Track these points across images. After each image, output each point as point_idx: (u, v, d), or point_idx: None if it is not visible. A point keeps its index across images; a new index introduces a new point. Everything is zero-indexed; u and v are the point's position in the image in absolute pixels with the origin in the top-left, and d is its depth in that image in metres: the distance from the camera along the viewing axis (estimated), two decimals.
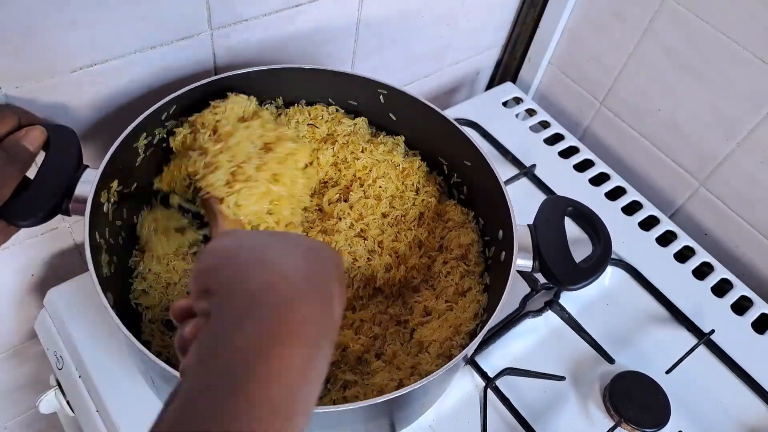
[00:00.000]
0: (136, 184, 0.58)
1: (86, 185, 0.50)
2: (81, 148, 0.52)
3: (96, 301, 0.45)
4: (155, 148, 0.58)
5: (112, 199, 0.54)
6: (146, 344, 0.50)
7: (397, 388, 0.53)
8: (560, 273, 0.52)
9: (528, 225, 0.56)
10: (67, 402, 0.65)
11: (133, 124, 0.53)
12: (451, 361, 0.48)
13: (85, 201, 0.49)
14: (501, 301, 0.50)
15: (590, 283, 0.53)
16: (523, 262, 0.54)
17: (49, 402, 0.68)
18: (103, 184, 0.51)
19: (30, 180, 0.50)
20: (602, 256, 0.54)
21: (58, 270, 0.70)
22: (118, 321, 0.45)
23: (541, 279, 0.70)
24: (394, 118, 0.67)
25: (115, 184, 0.54)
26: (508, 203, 0.57)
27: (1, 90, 0.51)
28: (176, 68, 0.60)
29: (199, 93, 0.58)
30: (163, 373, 0.45)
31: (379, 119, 0.68)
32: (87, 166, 0.52)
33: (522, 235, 0.55)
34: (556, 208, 0.57)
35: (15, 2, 0.46)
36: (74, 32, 0.51)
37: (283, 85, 0.64)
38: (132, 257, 0.59)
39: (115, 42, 0.54)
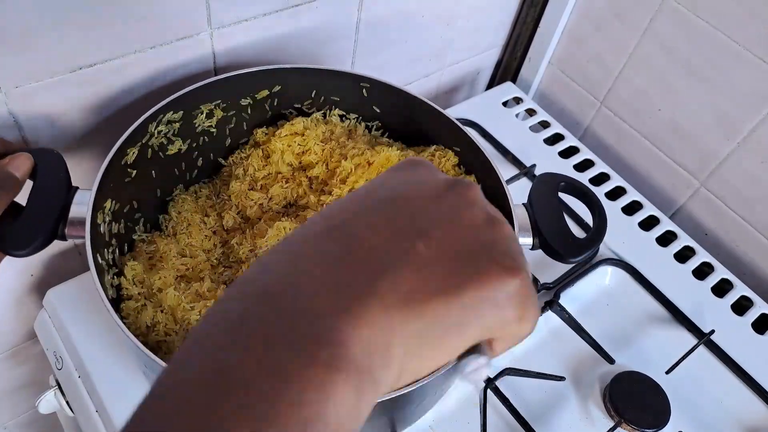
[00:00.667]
0: (129, 200, 0.57)
1: (80, 207, 0.49)
2: (68, 171, 0.51)
3: (96, 302, 0.45)
4: (147, 160, 0.58)
5: (107, 219, 0.53)
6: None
7: None
8: (561, 247, 0.53)
9: (523, 204, 0.57)
10: (67, 402, 0.65)
11: (119, 143, 0.52)
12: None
13: (81, 224, 0.48)
14: None
15: (592, 254, 0.54)
16: (523, 240, 0.55)
17: (49, 402, 0.68)
18: (97, 204, 0.50)
19: (23, 209, 0.48)
20: (599, 227, 0.55)
21: (58, 270, 0.70)
22: (130, 334, 0.44)
23: (541, 279, 0.70)
24: (378, 111, 0.67)
25: (108, 203, 0.53)
26: (503, 184, 0.57)
27: (1, 90, 0.51)
28: (176, 68, 0.60)
29: (182, 102, 0.57)
30: None
31: (363, 112, 0.68)
32: (77, 188, 0.50)
33: (519, 214, 0.55)
34: (550, 185, 0.57)
35: (15, 2, 0.46)
36: (74, 32, 0.51)
37: (273, 85, 0.64)
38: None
39: (115, 42, 0.54)
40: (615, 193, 0.84)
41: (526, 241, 0.55)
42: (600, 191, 0.83)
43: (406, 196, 0.28)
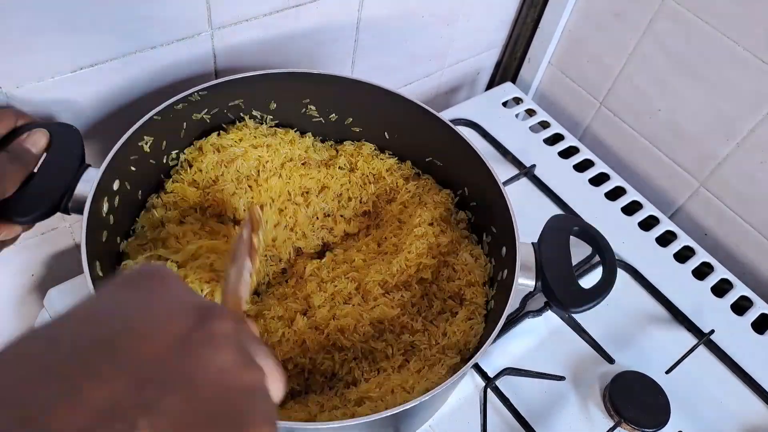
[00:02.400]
0: (137, 186, 0.57)
1: (87, 184, 0.50)
2: (84, 147, 0.52)
3: None
4: (157, 150, 0.58)
5: (113, 200, 0.53)
6: None
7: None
8: (562, 295, 0.51)
9: (532, 243, 0.55)
10: None
11: (137, 125, 0.53)
12: (456, 373, 0.48)
13: (84, 200, 0.49)
14: (501, 319, 0.49)
15: (593, 306, 0.52)
16: (525, 281, 0.53)
17: None
18: (104, 184, 0.51)
19: (31, 178, 0.50)
20: (607, 278, 0.53)
21: (59, 270, 0.70)
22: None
23: None
24: (387, 137, 0.67)
25: (116, 185, 0.53)
26: (502, 190, 0.56)
27: (2, 90, 0.51)
28: (177, 68, 0.60)
29: (201, 97, 0.58)
30: None
31: (370, 124, 0.67)
32: (89, 165, 0.51)
33: (525, 254, 0.53)
34: (562, 227, 0.55)
35: (16, 2, 0.46)
36: (75, 32, 0.51)
37: (273, 91, 0.63)
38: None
39: (116, 42, 0.54)
40: (615, 194, 0.84)
41: (528, 282, 0.53)
42: (600, 191, 0.83)
43: (132, 335, 0.19)
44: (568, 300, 0.51)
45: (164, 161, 0.60)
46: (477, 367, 0.63)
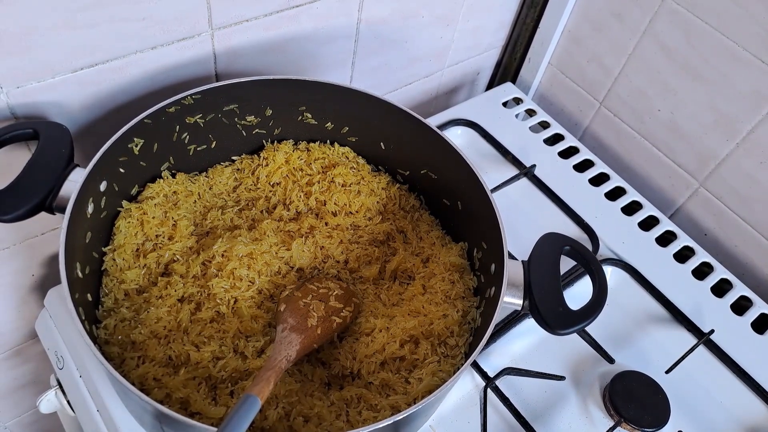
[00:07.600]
0: (125, 187, 0.57)
1: (72, 184, 0.49)
2: (73, 147, 0.51)
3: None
4: (148, 152, 0.58)
5: (99, 201, 0.53)
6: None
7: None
8: (549, 316, 0.50)
9: (522, 261, 0.54)
10: (68, 402, 0.65)
11: (127, 126, 0.53)
12: (453, 376, 0.48)
13: (68, 200, 0.48)
14: (485, 335, 0.48)
15: (580, 329, 0.51)
16: (512, 300, 0.51)
17: (50, 402, 0.68)
18: (90, 185, 0.50)
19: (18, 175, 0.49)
20: (596, 300, 0.51)
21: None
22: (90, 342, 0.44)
23: None
24: (383, 147, 0.67)
25: (103, 186, 0.53)
26: (489, 195, 0.55)
27: (2, 90, 0.51)
28: (178, 69, 0.61)
29: (195, 101, 0.58)
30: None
31: (365, 134, 0.67)
32: (77, 165, 0.51)
33: (514, 272, 0.52)
34: (553, 246, 0.54)
35: (16, 2, 0.46)
36: (75, 32, 0.51)
37: (268, 97, 0.63)
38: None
39: (116, 42, 0.54)
40: (615, 194, 0.84)
41: (515, 301, 0.51)
42: (600, 191, 0.83)
43: None
44: (554, 322, 0.50)
45: (155, 164, 0.60)
46: (477, 367, 0.64)
